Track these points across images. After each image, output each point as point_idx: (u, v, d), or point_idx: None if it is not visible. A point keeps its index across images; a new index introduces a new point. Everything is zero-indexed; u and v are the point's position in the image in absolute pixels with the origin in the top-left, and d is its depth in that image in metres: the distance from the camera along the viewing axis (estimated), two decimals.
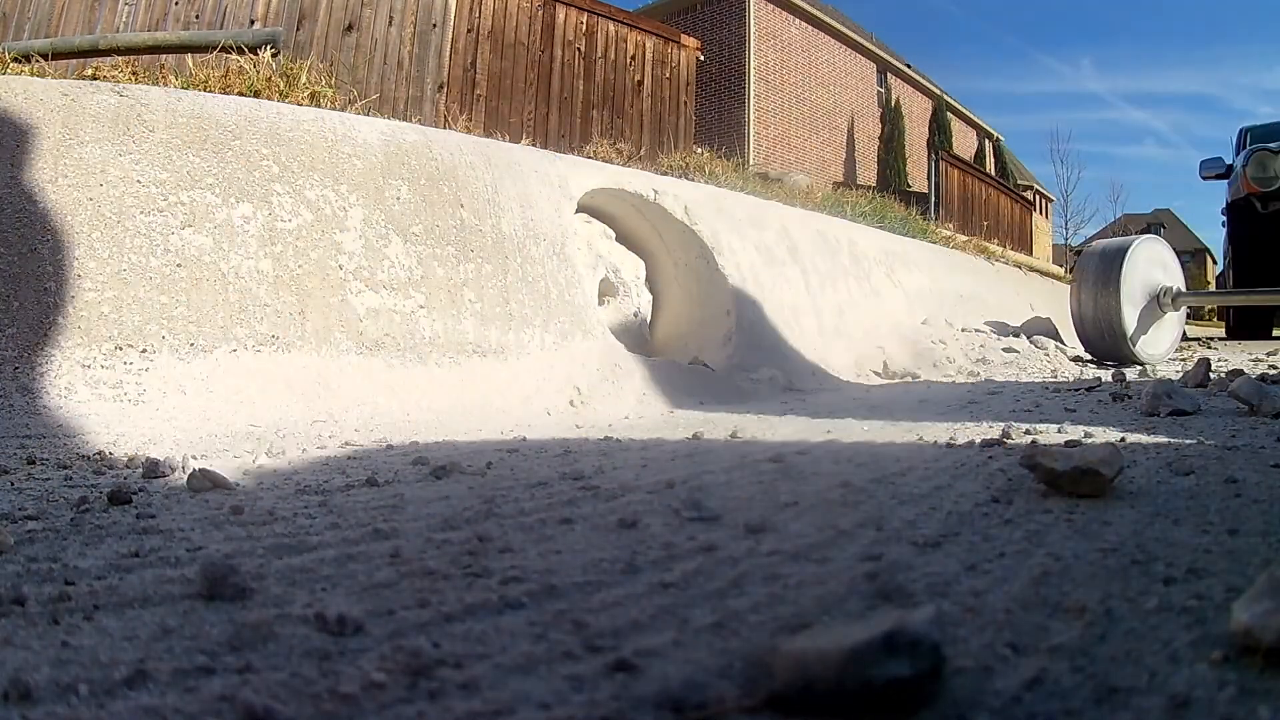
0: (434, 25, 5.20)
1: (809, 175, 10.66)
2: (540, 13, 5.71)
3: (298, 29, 4.96)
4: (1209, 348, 5.51)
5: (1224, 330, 9.33)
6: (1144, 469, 1.16)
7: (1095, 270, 3.83)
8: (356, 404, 1.84)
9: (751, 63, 15.08)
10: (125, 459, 1.35)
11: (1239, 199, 6.91)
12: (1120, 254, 3.79)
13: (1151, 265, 3.94)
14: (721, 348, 2.97)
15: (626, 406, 2.24)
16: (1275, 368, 3.23)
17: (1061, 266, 12.53)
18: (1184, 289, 4.05)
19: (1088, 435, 1.53)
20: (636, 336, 3.00)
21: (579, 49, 5.93)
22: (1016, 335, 4.64)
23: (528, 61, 5.63)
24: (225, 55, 3.34)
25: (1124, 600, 0.63)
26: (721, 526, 0.89)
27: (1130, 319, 3.77)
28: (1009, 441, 1.45)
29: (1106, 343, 3.83)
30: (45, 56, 3.06)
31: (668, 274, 3.22)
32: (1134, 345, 3.77)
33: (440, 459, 1.33)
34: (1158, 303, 3.93)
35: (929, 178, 10.48)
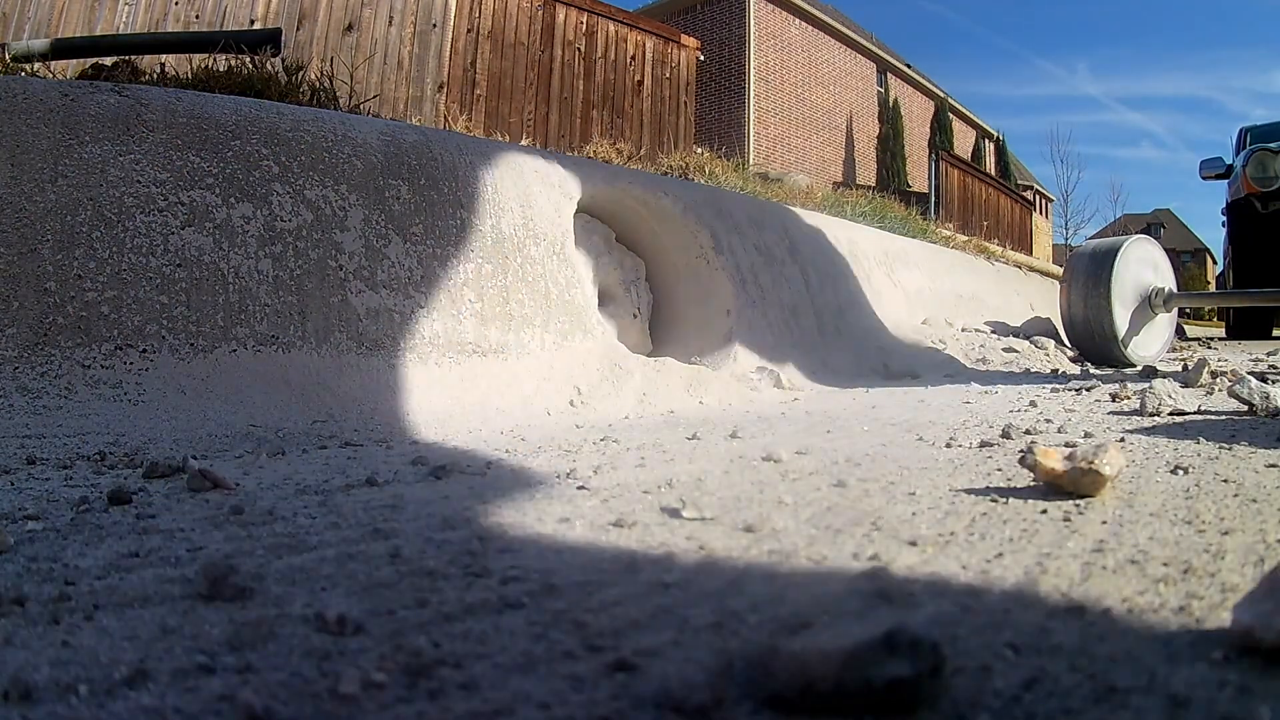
0: (434, 25, 5.20)
1: (809, 175, 10.67)
2: (540, 13, 5.72)
3: (298, 29, 4.97)
4: (1209, 348, 5.51)
5: (1224, 330, 9.34)
6: (1143, 468, 1.16)
7: (1085, 271, 3.82)
8: (356, 404, 1.84)
9: (751, 63, 15.09)
10: (125, 459, 1.35)
11: (1239, 199, 6.92)
12: (1111, 254, 3.78)
13: (1142, 266, 3.93)
14: (721, 348, 2.96)
15: (626, 406, 2.24)
16: (1275, 368, 3.23)
17: (1061, 266, 12.53)
18: (1175, 290, 4.04)
19: (1087, 435, 1.53)
20: (636, 336, 3.00)
21: (579, 49, 5.93)
22: (1016, 335, 4.64)
23: (528, 61, 5.63)
24: (225, 55, 3.34)
25: (1122, 600, 0.63)
26: (719, 526, 0.89)
27: (1121, 320, 3.76)
28: (1007, 441, 1.45)
29: (1097, 344, 3.82)
30: (45, 56, 3.06)
31: (668, 274, 3.22)
32: (1125, 347, 3.76)
33: (440, 459, 1.33)
34: (1149, 304, 3.92)
35: (929, 178, 10.48)
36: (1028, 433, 1.55)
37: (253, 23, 5.00)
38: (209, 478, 1.12)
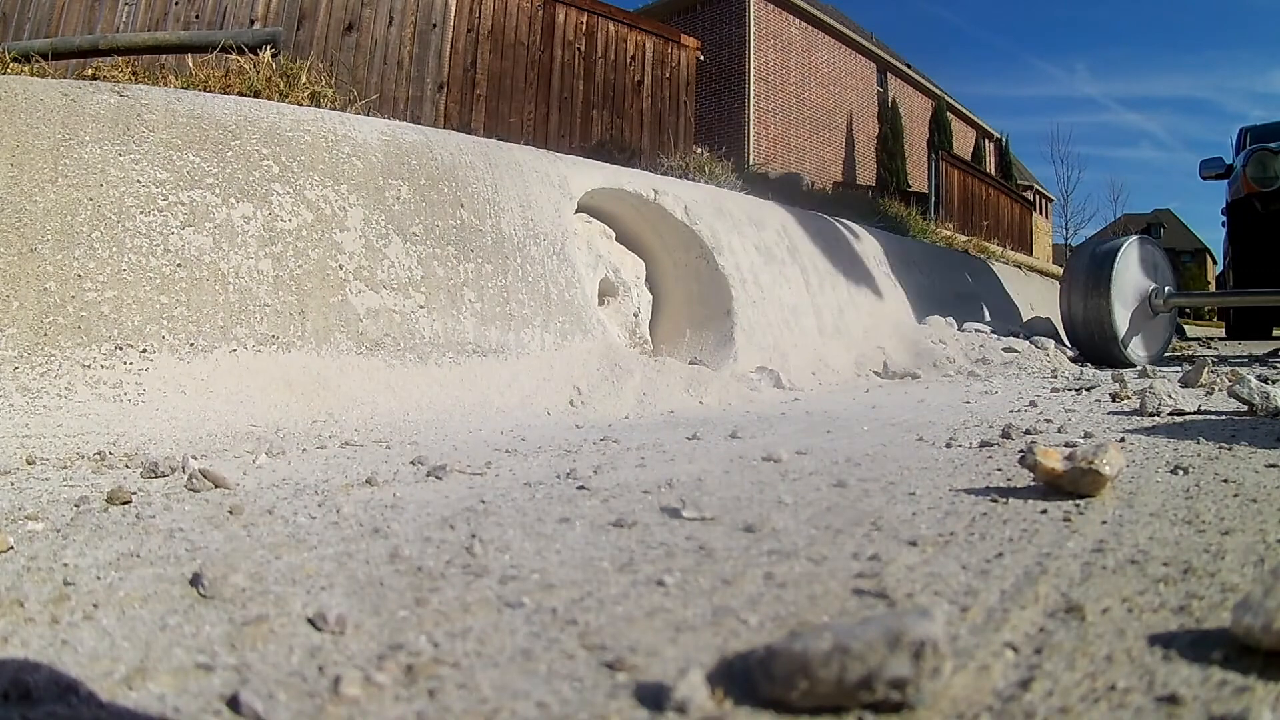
0: (434, 25, 5.20)
1: (809, 175, 10.66)
2: (540, 13, 5.71)
3: (298, 29, 4.96)
4: (1209, 348, 5.51)
5: (1224, 330, 9.35)
6: (1143, 468, 1.16)
7: (1085, 272, 3.83)
8: (356, 404, 1.84)
9: (751, 63, 15.09)
10: (125, 459, 1.35)
11: (1239, 199, 6.92)
12: (1111, 255, 3.79)
13: (1142, 266, 3.93)
14: (721, 347, 2.96)
15: (626, 406, 2.24)
16: (1275, 368, 3.23)
17: (1061, 266, 12.53)
18: (1174, 290, 4.04)
19: (1087, 435, 1.53)
20: (636, 336, 3.00)
21: (579, 49, 5.93)
22: (1016, 335, 4.64)
23: (528, 61, 5.63)
24: (225, 55, 3.34)
25: (1121, 599, 0.63)
26: (719, 526, 0.89)
27: (1121, 321, 3.76)
28: (1007, 441, 1.45)
29: (1097, 345, 3.82)
30: (45, 56, 3.06)
31: (668, 274, 3.22)
32: (1125, 347, 3.77)
33: (439, 459, 1.33)
34: (1149, 304, 3.92)
35: (929, 178, 10.47)
36: (1028, 433, 1.55)
37: (253, 23, 5.00)
38: (209, 477, 1.12)
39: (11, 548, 0.81)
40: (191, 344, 1.76)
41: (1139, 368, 3.52)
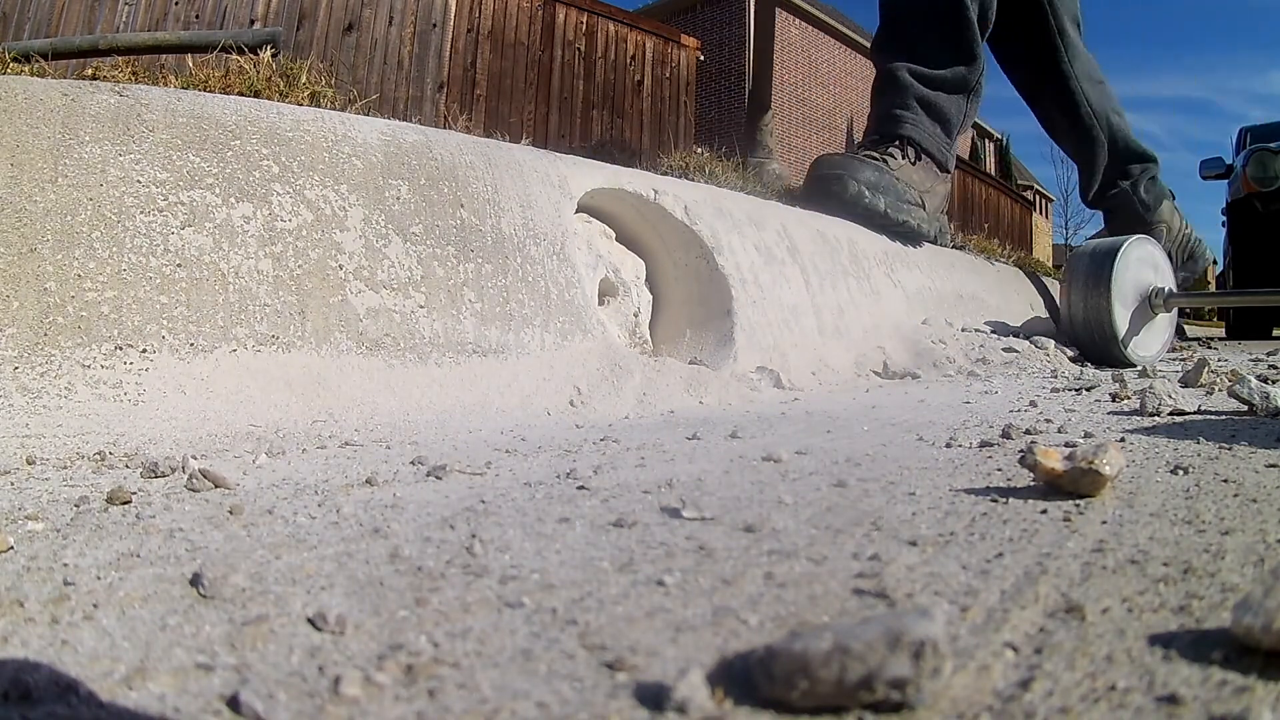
0: (434, 25, 5.20)
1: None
2: (540, 13, 5.72)
3: (298, 29, 4.97)
4: (1209, 348, 5.51)
5: (1224, 330, 9.36)
6: (1143, 468, 1.16)
7: (1085, 271, 3.82)
8: (356, 404, 1.84)
9: (751, 63, 15.11)
10: (125, 459, 1.35)
11: (1239, 199, 6.94)
12: (1111, 255, 3.78)
13: (1142, 266, 3.93)
14: (721, 347, 2.96)
15: (626, 406, 2.24)
16: (1275, 368, 3.23)
17: (1062, 266, 12.55)
18: (1175, 290, 4.04)
19: (1087, 435, 1.53)
20: (636, 336, 3.00)
21: (579, 49, 5.93)
22: (1016, 335, 4.64)
23: (528, 61, 5.63)
24: (225, 55, 3.34)
25: (1121, 599, 0.63)
26: (719, 526, 0.89)
27: (1121, 320, 3.76)
28: (1008, 441, 1.45)
29: (1097, 344, 3.82)
30: (45, 56, 3.06)
31: (668, 274, 3.21)
32: (1125, 347, 3.77)
33: (439, 459, 1.33)
34: (1149, 304, 3.92)
35: None
36: (1028, 433, 1.55)
37: (253, 23, 5.00)
38: (209, 477, 1.12)
39: (11, 548, 0.81)
40: (191, 344, 1.76)
41: (1139, 368, 3.52)
